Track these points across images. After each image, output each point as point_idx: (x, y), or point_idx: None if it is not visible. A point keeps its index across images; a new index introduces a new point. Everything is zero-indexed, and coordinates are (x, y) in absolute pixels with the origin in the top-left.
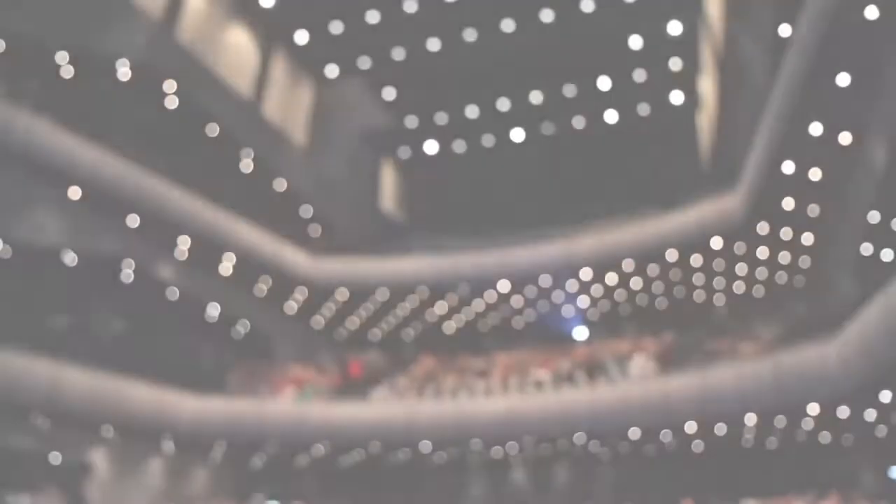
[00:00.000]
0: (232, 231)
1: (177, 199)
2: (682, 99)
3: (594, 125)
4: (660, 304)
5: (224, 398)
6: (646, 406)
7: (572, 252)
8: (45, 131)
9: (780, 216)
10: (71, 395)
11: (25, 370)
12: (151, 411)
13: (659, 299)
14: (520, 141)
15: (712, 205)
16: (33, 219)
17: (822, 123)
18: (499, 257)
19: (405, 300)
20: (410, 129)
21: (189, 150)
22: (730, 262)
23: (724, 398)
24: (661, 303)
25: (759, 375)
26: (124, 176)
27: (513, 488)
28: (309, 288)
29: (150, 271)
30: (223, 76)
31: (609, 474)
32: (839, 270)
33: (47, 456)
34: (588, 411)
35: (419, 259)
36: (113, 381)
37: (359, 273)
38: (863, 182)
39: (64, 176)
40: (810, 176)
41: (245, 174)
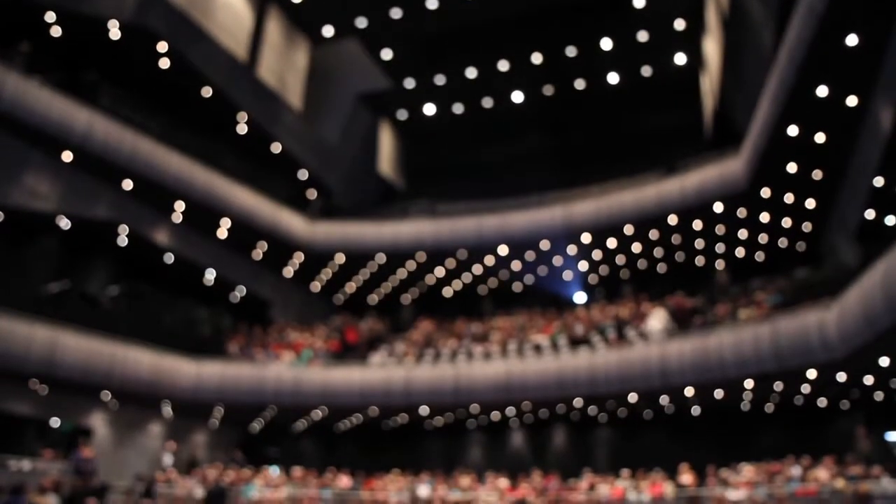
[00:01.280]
0: (228, 195)
1: (172, 163)
2: (686, 60)
3: (595, 87)
4: (660, 268)
5: (222, 363)
6: (644, 370)
7: (572, 216)
8: (35, 94)
9: (784, 180)
10: (68, 361)
11: (22, 336)
12: (149, 376)
13: (659, 264)
14: (519, 103)
15: (714, 168)
16: (26, 183)
17: (828, 85)
18: (498, 221)
19: (403, 265)
20: (408, 90)
21: (183, 114)
22: (731, 227)
23: (723, 363)
24: (662, 267)
25: (758, 340)
26: (118, 139)
27: (511, 452)
28: (306, 252)
29: (145, 236)
30: (216, 37)
31: (607, 438)
32: (841, 236)
33: (47, 421)
34: (586, 375)
35: (417, 223)
36: (110, 346)
37: (356, 237)
38: (868, 146)
39: (56, 140)
40: (815, 139)
41: (240, 138)
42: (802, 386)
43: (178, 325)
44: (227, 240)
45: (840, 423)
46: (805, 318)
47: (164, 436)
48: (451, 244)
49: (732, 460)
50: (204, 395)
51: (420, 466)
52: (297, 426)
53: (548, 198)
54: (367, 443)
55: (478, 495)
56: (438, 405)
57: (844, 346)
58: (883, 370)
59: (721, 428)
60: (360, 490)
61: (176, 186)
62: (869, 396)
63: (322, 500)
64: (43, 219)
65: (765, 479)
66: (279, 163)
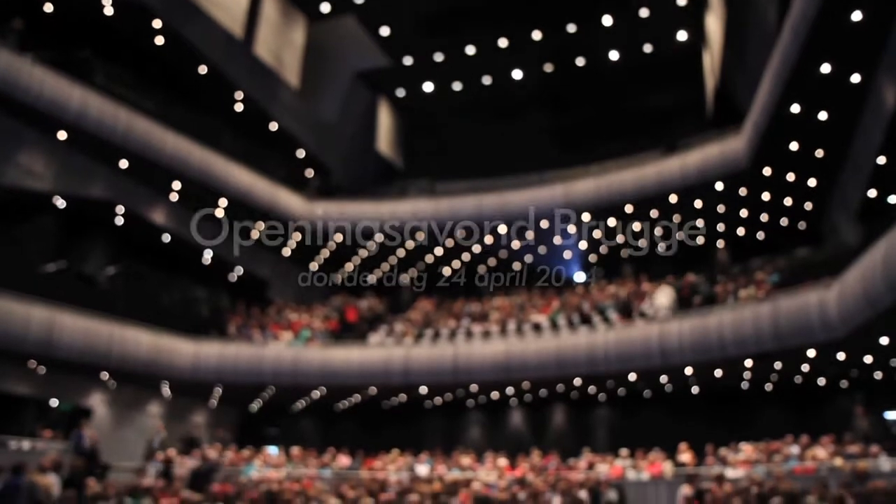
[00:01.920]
0: (225, 174)
1: (168, 142)
2: (688, 37)
3: (596, 64)
4: (660, 247)
5: (220, 343)
6: (644, 350)
7: (571, 195)
8: (28, 71)
9: (785, 159)
10: (66, 341)
11: (20, 316)
12: (147, 356)
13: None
14: (519, 80)
15: (715, 147)
16: (21, 162)
17: (832, 63)
18: (497, 200)
19: (402, 244)
20: (407, 68)
21: (178, 92)
22: (732, 206)
23: (723, 342)
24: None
25: (758, 319)
26: (112, 117)
27: (510, 431)
28: (304, 232)
29: (142, 216)
30: (212, 13)
31: (606, 417)
32: (842, 215)
33: (47, 401)
34: (586, 355)
35: (416, 202)
36: (108, 326)
37: (355, 216)
38: (871, 124)
39: (50, 118)
40: (818, 117)
41: (237, 116)
42: (802, 365)
43: (176, 305)
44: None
45: (839, 402)
46: (805, 298)
47: (164, 416)
48: (449, 222)
49: (731, 439)
50: (202, 375)
51: (419, 445)
52: (296, 406)
53: (547, 176)
54: (367, 422)
55: (477, 474)
56: (437, 385)
57: (844, 325)
58: (883, 349)
59: (720, 407)
60: (360, 469)
61: (172, 165)
62: (868, 376)
63: (321, 479)
64: (39, 198)
65: (763, 458)
66: (276, 141)
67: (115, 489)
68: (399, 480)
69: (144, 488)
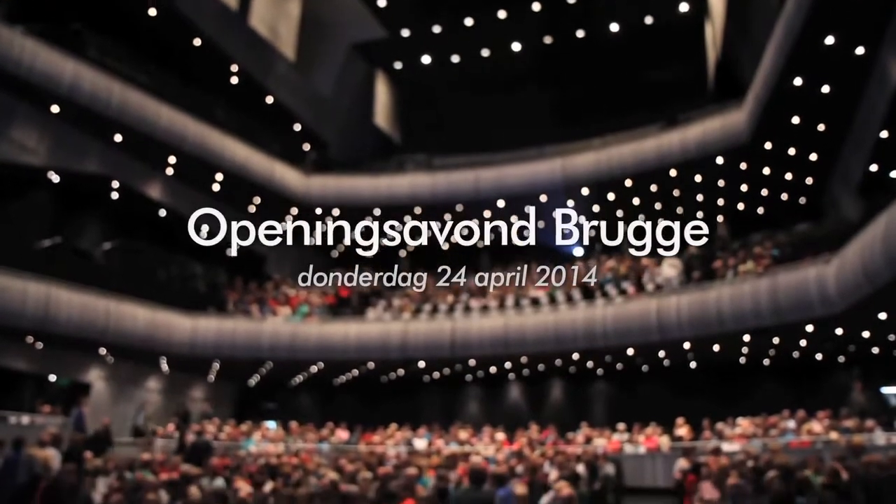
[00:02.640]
0: (221, 149)
1: (162, 116)
2: (689, 8)
3: (596, 37)
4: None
5: (218, 318)
6: (643, 324)
7: (570, 169)
8: (20, 44)
9: (787, 133)
10: (63, 317)
11: (16, 292)
12: (145, 332)
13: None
14: (518, 52)
15: (716, 121)
16: (13, 137)
17: (836, 35)
18: (495, 175)
19: (400, 219)
20: (404, 40)
21: (173, 65)
22: (732, 181)
23: (721, 317)
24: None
25: (756, 294)
26: (106, 91)
27: (508, 405)
28: (302, 206)
29: (138, 191)
30: None
31: (604, 391)
32: (843, 190)
33: (45, 377)
34: (584, 329)
35: (414, 176)
36: (104, 301)
37: (352, 191)
38: (875, 97)
39: (42, 92)
40: (821, 91)
41: (232, 90)
42: (800, 340)
43: (174, 281)
44: (221, 194)
45: (836, 377)
46: (804, 273)
47: (162, 391)
48: (448, 197)
49: (729, 414)
50: (200, 350)
51: (418, 420)
52: (294, 380)
53: (546, 151)
54: (365, 396)
55: (475, 448)
56: (435, 360)
57: (843, 300)
58: (881, 324)
59: (718, 381)
60: (358, 443)
61: (167, 139)
62: (866, 351)
63: (320, 453)
64: (33, 173)
65: (760, 432)
66: (273, 115)
67: (114, 463)
68: (397, 454)
69: (144, 462)
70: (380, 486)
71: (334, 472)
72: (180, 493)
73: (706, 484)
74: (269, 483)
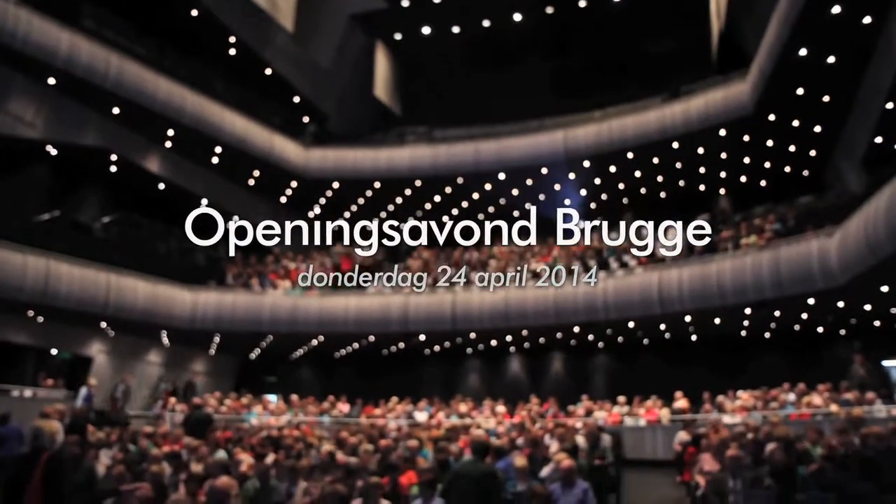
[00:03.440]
0: (220, 121)
1: (160, 88)
2: None
3: (598, 6)
4: (662, 194)
5: (218, 291)
6: (643, 298)
7: (572, 142)
8: (14, 14)
9: (791, 104)
10: (63, 291)
11: (16, 266)
12: (145, 305)
13: (661, 190)
14: (519, 22)
15: (719, 92)
16: (10, 110)
17: (842, 4)
18: (496, 147)
19: (401, 191)
20: (404, 9)
21: (170, 36)
22: (735, 153)
23: (723, 290)
24: (663, 194)
25: (758, 267)
26: (103, 62)
27: (509, 378)
28: (301, 179)
29: (136, 164)
30: None
31: (604, 364)
32: (847, 162)
33: (47, 350)
34: (584, 302)
35: (415, 149)
36: (105, 275)
37: (352, 164)
38: (881, 68)
39: (38, 63)
40: (826, 61)
41: (231, 62)
42: (801, 313)
43: (173, 254)
44: (220, 167)
45: (837, 350)
46: (806, 246)
47: (163, 364)
48: (448, 169)
49: (729, 386)
50: (201, 323)
51: (418, 393)
52: (295, 353)
53: (547, 123)
54: (366, 369)
55: (476, 421)
56: (436, 332)
57: (845, 273)
58: (883, 297)
59: (718, 354)
60: (359, 416)
61: (165, 112)
62: (867, 324)
63: (321, 426)
64: (31, 146)
65: (760, 405)
66: (272, 87)
67: (116, 435)
68: (398, 427)
69: (147, 434)
70: (381, 459)
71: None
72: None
73: (706, 456)
74: (270, 455)
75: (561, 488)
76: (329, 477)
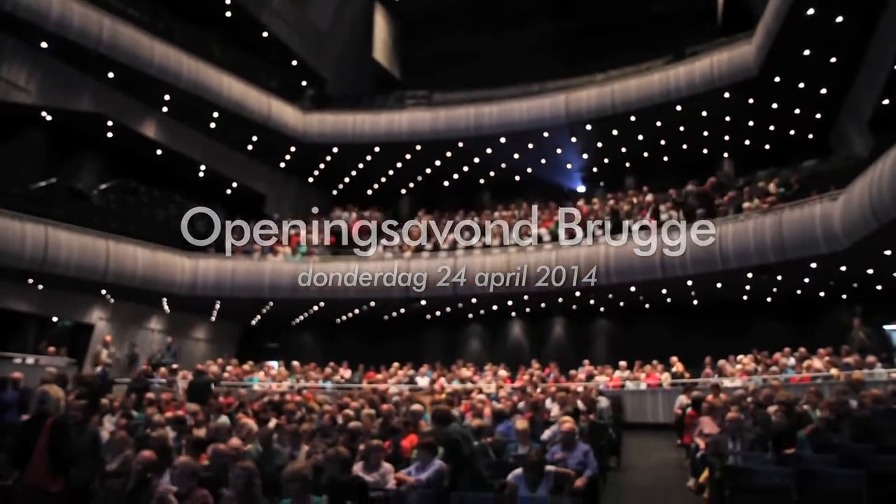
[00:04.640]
0: (217, 85)
1: (155, 51)
2: None
3: None
4: (665, 158)
5: (218, 258)
6: (645, 261)
7: (574, 105)
8: None
9: (797, 66)
10: (62, 258)
11: (15, 233)
12: (145, 272)
13: (664, 154)
14: None
15: (724, 54)
16: (2, 75)
17: None
18: (496, 111)
19: (401, 156)
20: None
21: None
22: (739, 116)
23: (725, 254)
24: (666, 158)
25: (760, 232)
26: (96, 25)
27: (510, 343)
28: (300, 144)
29: (133, 129)
30: None
31: (606, 328)
32: (853, 125)
33: (48, 318)
34: (586, 267)
35: (414, 113)
36: (103, 242)
37: (351, 128)
38: (891, 28)
39: (30, 26)
40: (834, 21)
41: (227, 24)
42: (804, 278)
43: (172, 221)
44: (218, 132)
45: (838, 315)
46: (809, 210)
47: (165, 331)
48: (449, 134)
49: (730, 351)
50: (201, 290)
51: (420, 358)
52: (296, 320)
53: (549, 86)
54: (367, 334)
55: (477, 386)
56: (437, 296)
57: (848, 238)
58: (886, 261)
59: (719, 318)
60: (361, 382)
61: (161, 76)
62: (869, 288)
63: (323, 391)
64: (25, 112)
65: (760, 369)
66: (269, 51)
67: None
68: (400, 392)
69: (150, 400)
70: (383, 423)
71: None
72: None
73: (706, 419)
74: (272, 420)
75: (562, 450)
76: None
